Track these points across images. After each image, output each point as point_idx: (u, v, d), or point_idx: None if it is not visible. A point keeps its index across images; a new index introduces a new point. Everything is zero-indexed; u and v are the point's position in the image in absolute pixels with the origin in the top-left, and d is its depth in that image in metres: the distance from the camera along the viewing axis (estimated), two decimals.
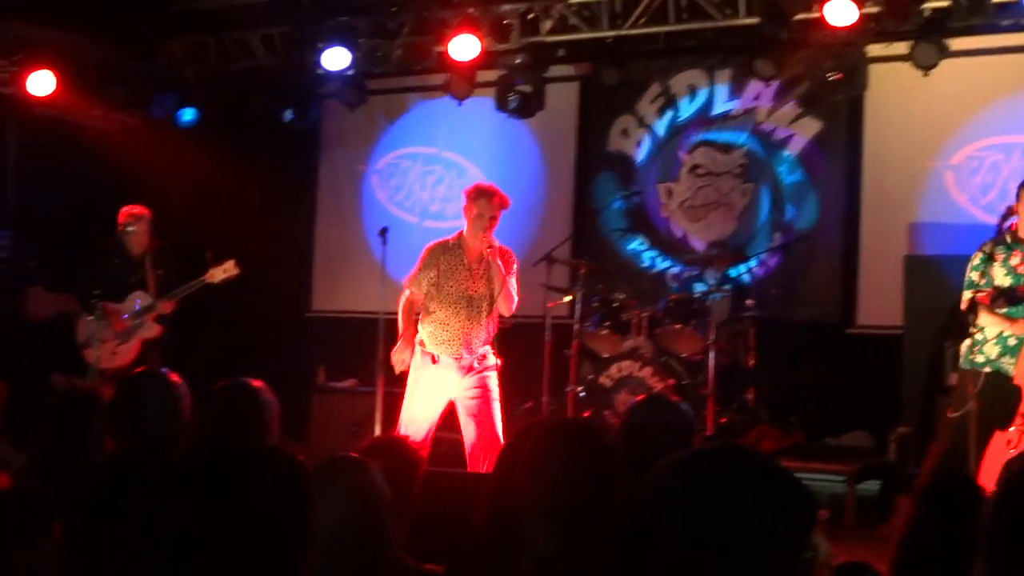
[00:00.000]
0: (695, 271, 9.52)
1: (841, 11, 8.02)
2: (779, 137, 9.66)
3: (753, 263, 9.61)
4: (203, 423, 3.80)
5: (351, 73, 9.76)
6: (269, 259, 10.13)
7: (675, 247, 9.95)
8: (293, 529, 2.11)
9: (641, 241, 10.12)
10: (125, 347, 8.24)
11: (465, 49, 9.09)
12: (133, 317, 8.26)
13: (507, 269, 6.57)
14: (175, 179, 10.26)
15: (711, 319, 8.50)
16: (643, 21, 9.10)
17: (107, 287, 8.17)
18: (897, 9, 8.04)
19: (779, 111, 9.65)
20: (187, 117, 10.29)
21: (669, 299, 8.82)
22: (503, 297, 6.55)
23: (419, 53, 9.53)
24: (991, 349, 6.20)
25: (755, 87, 9.60)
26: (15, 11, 9.04)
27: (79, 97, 9.94)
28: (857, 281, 9.38)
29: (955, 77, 8.72)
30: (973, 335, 6.09)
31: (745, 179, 9.77)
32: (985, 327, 6.18)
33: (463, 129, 10.60)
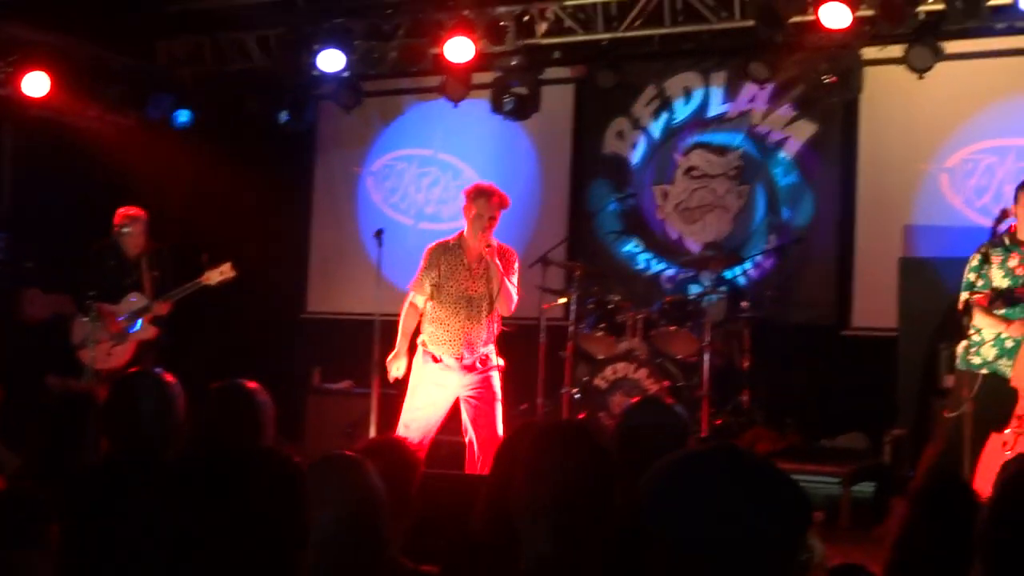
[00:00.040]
0: (690, 273, 9.53)
1: (836, 14, 8.03)
2: (774, 139, 9.66)
3: (748, 265, 9.61)
4: (198, 424, 3.79)
5: (346, 75, 9.77)
6: (265, 260, 10.13)
7: (670, 249, 9.95)
8: (289, 530, 2.11)
9: (636, 243, 10.12)
10: (120, 348, 8.24)
11: (460, 51, 9.09)
12: (129, 318, 8.26)
13: (508, 268, 6.58)
14: (171, 180, 10.24)
15: (706, 321, 8.50)
16: (638, 23, 9.11)
17: (102, 288, 8.16)
18: (892, 12, 8.05)
19: (774, 113, 9.65)
20: (182, 119, 10.28)
21: (664, 301, 8.81)
22: (501, 296, 6.55)
23: (415, 55, 9.53)
24: (988, 351, 6.20)
25: (750, 89, 9.60)
26: (10, 12, 9.03)
27: (74, 98, 9.92)
28: (852, 283, 9.39)
29: (950, 80, 8.74)
30: (970, 336, 6.09)
31: (740, 181, 9.78)
32: (982, 328, 6.19)
33: (458, 131, 10.59)
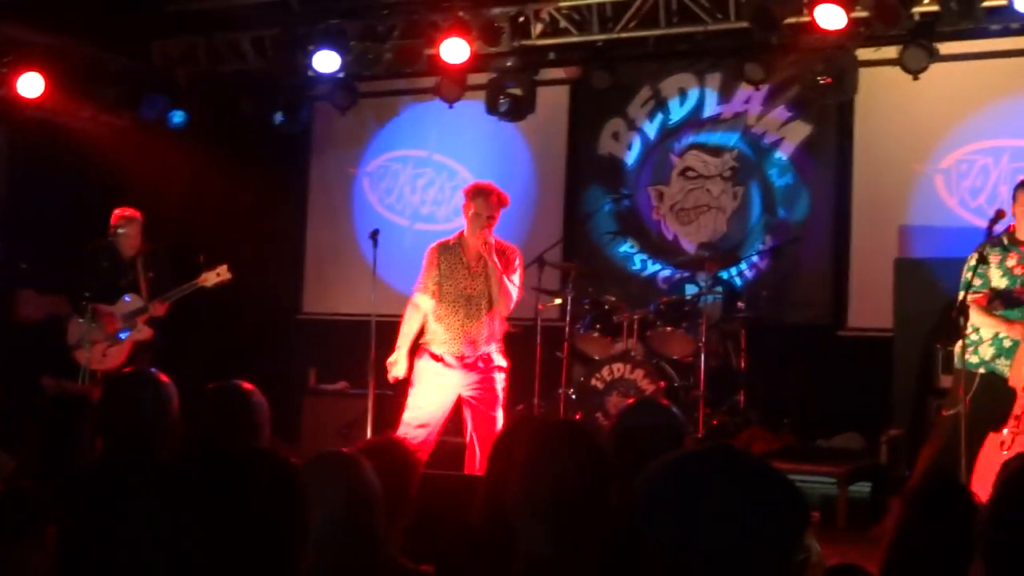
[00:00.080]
0: (686, 274, 9.53)
1: (831, 15, 8.03)
2: (769, 140, 9.67)
3: (744, 266, 9.62)
4: (195, 425, 3.79)
5: (341, 76, 9.76)
6: (260, 261, 10.12)
7: (666, 249, 9.95)
8: (288, 531, 2.11)
9: (632, 244, 10.12)
10: (116, 349, 8.23)
11: (455, 52, 9.09)
12: (125, 319, 8.25)
13: (509, 266, 6.60)
14: (166, 181, 10.23)
15: (702, 321, 8.50)
16: (633, 25, 9.11)
17: (97, 289, 8.15)
18: (886, 13, 8.05)
19: (769, 114, 9.66)
20: (177, 120, 10.27)
21: (660, 301, 8.81)
22: (499, 294, 6.56)
23: (410, 56, 9.52)
24: (986, 350, 6.19)
25: (745, 91, 9.61)
26: (4, 12, 9.02)
27: (69, 99, 9.91)
28: (848, 283, 9.39)
29: (944, 81, 8.75)
30: (967, 336, 6.08)
31: (736, 182, 9.78)
32: (980, 328, 6.18)
33: (454, 132, 10.59)
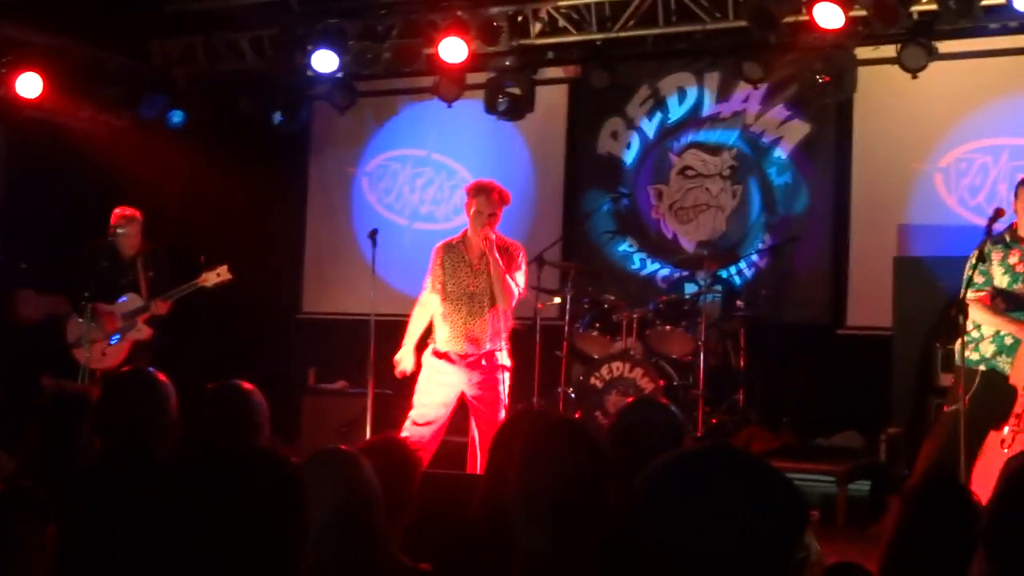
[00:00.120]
0: (685, 273, 9.53)
1: (829, 14, 8.04)
2: (768, 139, 9.67)
3: (743, 264, 9.62)
4: (194, 425, 3.79)
5: (340, 75, 9.76)
6: (259, 261, 10.11)
7: (666, 248, 9.95)
8: (288, 531, 2.11)
9: (631, 243, 10.12)
10: (114, 348, 8.22)
11: (454, 51, 9.09)
12: (125, 318, 8.25)
13: (512, 263, 6.63)
14: (165, 181, 10.23)
15: (701, 320, 8.50)
16: (632, 24, 9.11)
17: (97, 289, 8.14)
18: (885, 12, 8.05)
19: (768, 113, 9.66)
20: (176, 119, 10.27)
21: (659, 300, 8.81)
22: (500, 290, 6.58)
23: (408, 55, 9.52)
24: (987, 347, 6.18)
25: (744, 90, 9.61)
26: (3, 12, 9.01)
27: (68, 99, 9.91)
28: (847, 282, 9.39)
29: (943, 80, 8.75)
30: (969, 333, 6.06)
31: (735, 181, 9.78)
32: (982, 325, 6.17)
33: (452, 131, 10.59)
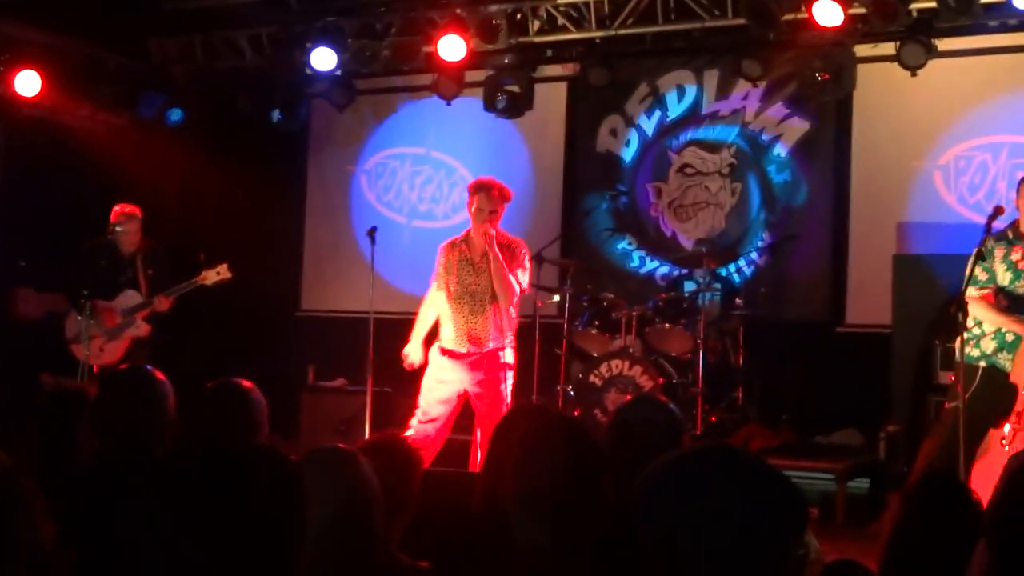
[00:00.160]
0: (684, 271, 9.52)
1: (829, 11, 8.04)
2: (768, 137, 9.67)
3: (742, 262, 9.62)
4: (193, 423, 3.79)
5: (339, 73, 9.76)
6: (258, 259, 10.11)
7: (665, 246, 9.95)
8: (287, 529, 2.10)
9: (630, 241, 10.12)
10: (113, 345, 8.22)
11: (453, 49, 9.08)
12: (124, 314, 8.24)
13: (514, 260, 6.64)
14: (163, 179, 10.23)
15: (700, 318, 8.50)
16: (631, 21, 9.11)
17: (96, 286, 8.14)
18: (884, 9, 8.05)
19: (767, 111, 9.66)
20: (175, 117, 10.27)
21: (658, 298, 8.81)
22: (500, 286, 6.58)
23: (407, 53, 9.51)
24: (987, 344, 6.17)
25: (743, 87, 9.61)
26: (1, 11, 9.01)
27: (66, 97, 9.91)
28: (846, 280, 9.39)
29: (943, 77, 8.75)
30: (970, 329, 6.06)
31: (734, 178, 9.78)
32: (984, 321, 6.16)
33: (451, 129, 10.59)
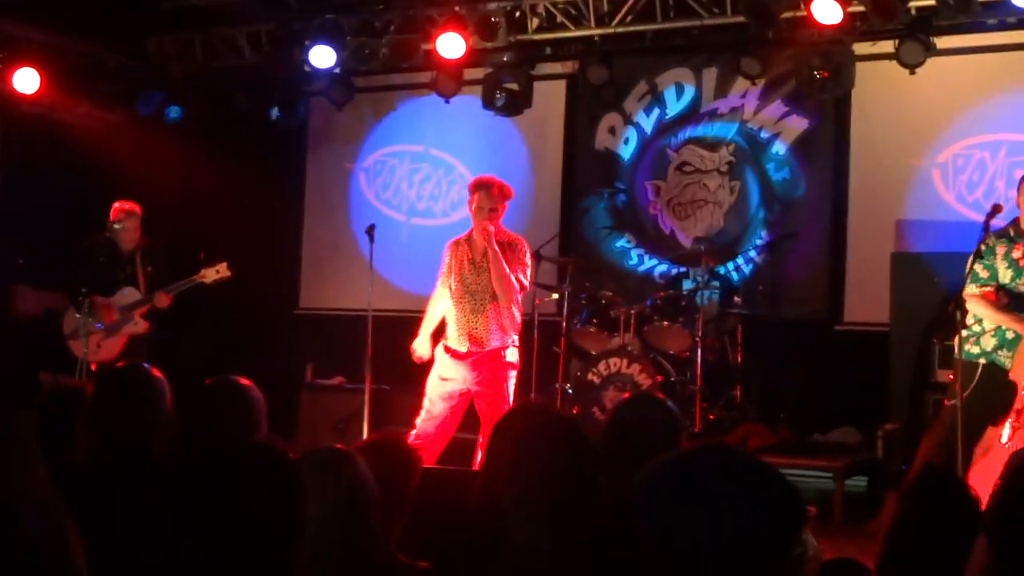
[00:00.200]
0: (683, 269, 9.53)
1: (827, 9, 8.04)
2: (766, 135, 9.66)
3: (741, 260, 9.62)
4: (191, 420, 3.78)
5: (338, 71, 9.76)
6: (257, 257, 10.10)
7: (664, 244, 9.95)
8: (286, 527, 2.10)
9: (628, 239, 10.12)
10: (110, 341, 8.22)
11: (452, 47, 9.08)
12: (122, 311, 8.24)
13: (514, 258, 6.65)
14: (162, 177, 10.22)
15: (699, 316, 8.51)
16: (630, 19, 9.11)
17: (94, 283, 8.14)
18: (883, 7, 8.05)
19: (766, 109, 9.65)
20: (173, 115, 10.27)
21: (657, 296, 8.82)
22: (499, 284, 6.59)
23: (406, 51, 9.52)
24: (987, 341, 6.17)
25: (742, 85, 9.60)
26: (0, 8, 9.00)
27: (65, 95, 9.91)
28: (844, 278, 9.39)
29: (941, 75, 8.75)
30: (970, 326, 6.06)
31: (732, 176, 9.78)
32: (983, 319, 6.16)
33: (450, 127, 10.59)
